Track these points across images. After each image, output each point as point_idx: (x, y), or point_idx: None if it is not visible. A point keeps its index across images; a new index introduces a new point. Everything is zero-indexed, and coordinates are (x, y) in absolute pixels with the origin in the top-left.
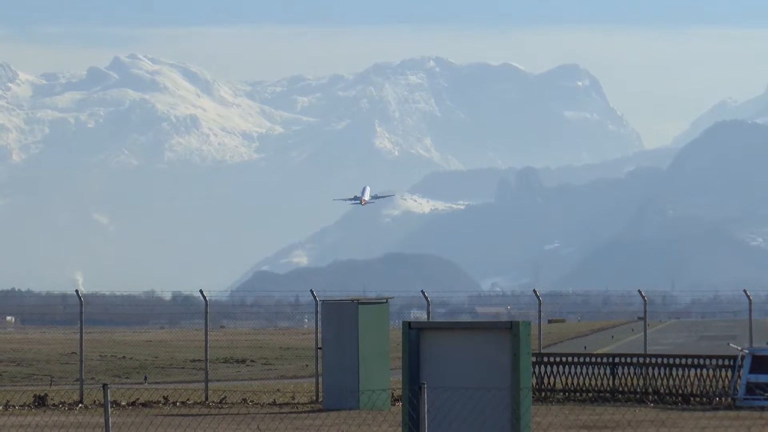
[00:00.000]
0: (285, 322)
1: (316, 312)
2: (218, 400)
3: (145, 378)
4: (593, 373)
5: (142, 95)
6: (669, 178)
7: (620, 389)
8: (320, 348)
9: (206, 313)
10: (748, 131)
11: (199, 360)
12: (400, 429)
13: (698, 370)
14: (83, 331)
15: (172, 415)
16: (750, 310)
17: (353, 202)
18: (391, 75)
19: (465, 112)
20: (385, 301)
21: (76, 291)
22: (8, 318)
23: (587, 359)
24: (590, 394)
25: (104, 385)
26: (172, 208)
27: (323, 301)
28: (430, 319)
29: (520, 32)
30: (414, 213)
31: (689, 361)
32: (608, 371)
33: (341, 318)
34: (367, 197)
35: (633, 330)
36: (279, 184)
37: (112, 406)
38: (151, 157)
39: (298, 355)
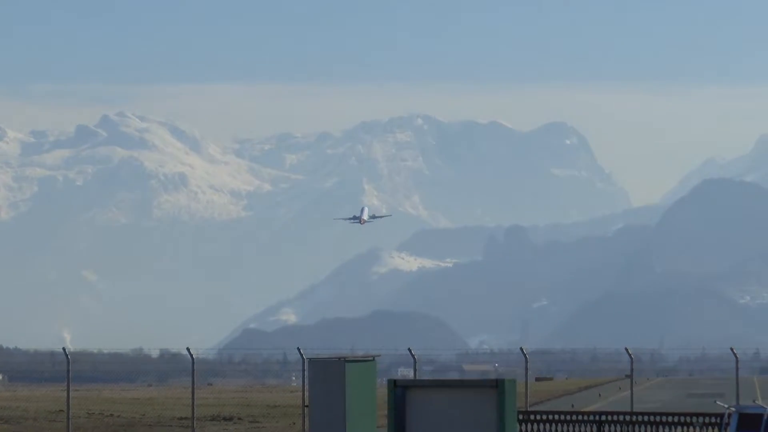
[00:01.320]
0: (273, 380)
1: (303, 370)
2: None
3: None
4: (579, 431)
5: (131, 153)
6: (657, 235)
7: None
8: (307, 406)
9: (193, 371)
10: (735, 189)
11: (186, 418)
12: None
13: (685, 428)
14: (71, 388)
15: None
16: (737, 368)
17: (352, 221)
18: (380, 133)
19: (453, 170)
20: (372, 359)
21: (63, 349)
22: None
23: (573, 417)
24: None
25: None
26: (160, 265)
27: (310, 359)
28: (417, 377)
29: (507, 90)
30: (402, 271)
31: (676, 419)
32: (595, 429)
33: (328, 376)
34: (365, 217)
35: (620, 388)
36: (267, 241)
37: None
38: (139, 214)
39: (285, 413)
